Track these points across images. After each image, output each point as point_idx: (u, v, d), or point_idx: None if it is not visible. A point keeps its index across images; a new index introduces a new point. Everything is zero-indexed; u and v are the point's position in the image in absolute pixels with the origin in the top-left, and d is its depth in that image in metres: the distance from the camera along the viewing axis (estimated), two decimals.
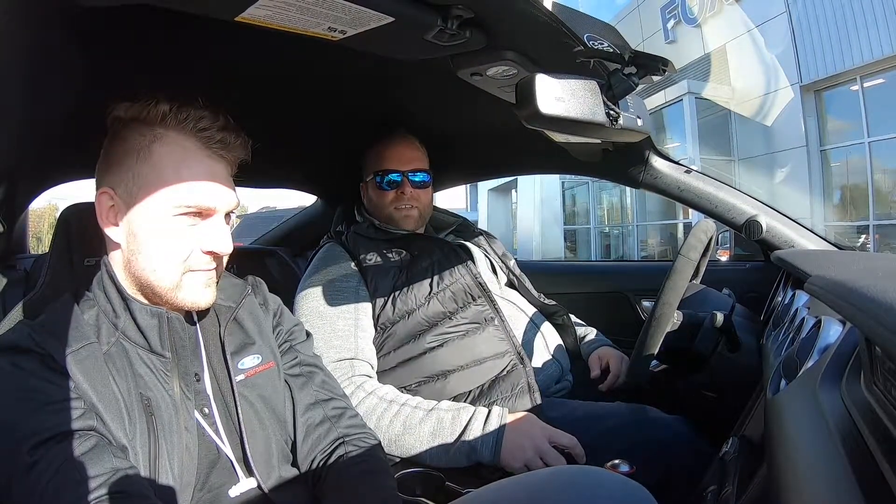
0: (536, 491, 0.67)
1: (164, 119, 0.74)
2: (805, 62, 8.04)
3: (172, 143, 0.74)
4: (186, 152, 0.75)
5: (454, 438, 1.04)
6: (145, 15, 0.72)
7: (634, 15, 10.87)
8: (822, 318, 0.70)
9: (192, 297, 0.76)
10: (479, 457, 1.02)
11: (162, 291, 0.75)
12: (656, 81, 0.83)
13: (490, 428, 1.04)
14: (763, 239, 1.40)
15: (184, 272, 0.75)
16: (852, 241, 7.49)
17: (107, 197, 0.75)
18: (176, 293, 0.75)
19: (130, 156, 0.74)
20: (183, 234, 0.75)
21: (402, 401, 1.10)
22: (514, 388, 1.16)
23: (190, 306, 0.77)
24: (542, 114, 0.71)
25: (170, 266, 0.74)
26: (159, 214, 0.73)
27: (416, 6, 0.73)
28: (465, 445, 1.03)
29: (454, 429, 1.05)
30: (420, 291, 1.23)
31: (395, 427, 1.06)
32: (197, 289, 0.77)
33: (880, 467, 0.39)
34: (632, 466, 0.90)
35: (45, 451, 0.61)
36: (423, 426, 1.06)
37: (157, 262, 0.74)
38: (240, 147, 0.79)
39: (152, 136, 0.74)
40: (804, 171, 8.17)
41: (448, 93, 1.21)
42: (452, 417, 1.06)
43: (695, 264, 1.02)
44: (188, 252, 0.75)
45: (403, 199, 1.34)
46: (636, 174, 1.44)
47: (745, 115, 9.13)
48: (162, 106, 0.74)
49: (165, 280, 0.75)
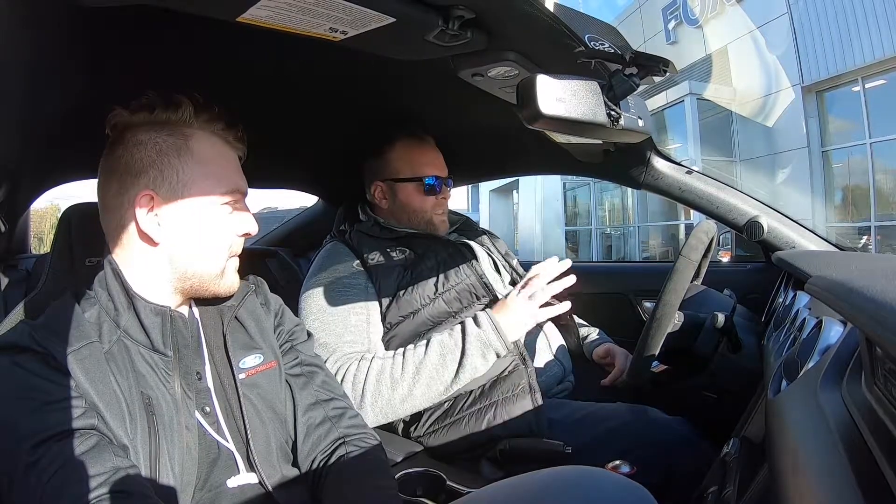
0: (538, 491, 0.67)
1: (189, 120, 0.79)
2: (806, 63, 8.03)
3: (204, 140, 0.80)
4: (216, 146, 0.82)
5: (460, 348, 1.12)
6: (146, 15, 0.72)
7: (636, 16, 10.86)
8: (823, 318, 0.70)
9: (230, 282, 0.83)
10: (493, 348, 1.13)
11: (209, 280, 0.80)
12: (657, 82, 0.83)
13: (485, 324, 1.13)
14: (764, 240, 1.40)
15: (228, 258, 0.82)
16: (854, 242, 7.47)
17: (147, 198, 0.76)
18: (220, 280, 0.81)
19: (168, 155, 0.77)
20: (226, 220, 0.81)
21: (399, 352, 1.15)
22: (515, 388, 1.16)
23: (228, 291, 0.83)
24: (543, 114, 0.71)
25: (219, 253, 0.81)
26: (209, 204, 0.79)
27: (418, 7, 0.73)
28: (473, 348, 1.12)
29: (456, 344, 1.13)
30: (425, 291, 1.23)
31: (409, 371, 1.11)
32: (233, 274, 0.84)
33: (881, 467, 0.39)
34: (633, 467, 0.90)
35: (46, 450, 0.61)
36: (430, 356, 1.12)
37: (208, 252, 0.80)
38: (244, 140, 0.86)
39: (182, 135, 0.79)
40: (805, 172, 8.15)
41: (449, 94, 1.21)
42: (448, 334, 1.15)
43: (696, 265, 1.02)
44: (231, 238, 0.82)
45: (443, 205, 1.40)
46: (637, 175, 1.44)
47: (747, 116, 9.12)
48: (186, 107, 0.79)
49: (214, 268, 0.80)
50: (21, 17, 0.65)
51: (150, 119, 0.77)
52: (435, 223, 1.38)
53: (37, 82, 0.83)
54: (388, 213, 1.40)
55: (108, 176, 0.78)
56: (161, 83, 0.79)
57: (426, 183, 1.36)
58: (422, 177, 1.36)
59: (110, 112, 0.78)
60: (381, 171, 1.40)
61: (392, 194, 1.39)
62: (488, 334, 1.13)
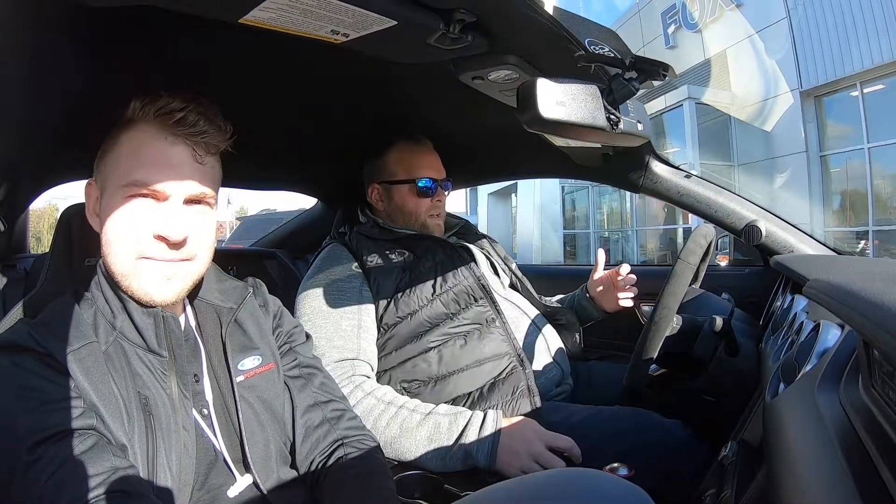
0: (535, 494, 0.67)
1: (134, 111, 0.75)
2: (805, 68, 8.06)
3: (135, 130, 0.75)
4: (144, 135, 0.74)
5: (450, 443, 1.04)
6: (147, 16, 0.72)
7: (635, 20, 10.90)
8: (821, 322, 0.70)
9: (147, 288, 0.73)
10: (474, 461, 1.02)
11: (120, 279, 0.74)
12: (657, 86, 0.84)
13: (486, 432, 1.04)
14: (762, 244, 1.40)
15: (137, 258, 0.73)
16: (851, 247, 7.49)
17: (92, 188, 0.79)
18: (131, 281, 0.73)
19: (107, 146, 0.77)
20: (134, 215, 0.73)
21: (399, 403, 1.10)
22: (514, 391, 1.16)
23: (144, 298, 0.74)
24: (542, 118, 0.71)
25: (122, 249, 0.73)
26: (114, 195, 0.74)
27: (419, 10, 0.73)
28: (461, 450, 1.03)
29: (451, 434, 1.05)
30: (423, 293, 1.23)
31: (392, 429, 1.06)
32: (154, 280, 0.74)
33: (878, 470, 0.39)
34: (631, 470, 0.90)
35: (45, 450, 0.61)
36: (420, 430, 1.06)
37: (112, 246, 0.74)
38: (210, 132, 0.76)
39: (124, 127, 0.76)
40: (804, 177, 8.17)
41: (450, 97, 1.21)
42: (449, 423, 1.06)
43: (694, 269, 1.02)
44: (139, 235, 0.73)
45: (438, 207, 1.40)
46: (636, 178, 1.45)
47: (745, 121, 9.14)
48: (135, 102, 0.75)
49: (119, 264, 0.73)
50: (22, 17, 0.65)
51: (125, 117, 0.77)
52: (429, 226, 1.39)
53: (37, 82, 0.83)
54: (385, 215, 1.41)
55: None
56: (161, 83, 0.79)
57: (419, 185, 1.36)
58: (415, 179, 1.36)
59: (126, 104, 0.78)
60: (378, 173, 1.41)
61: (388, 196, 1.40)
62: (480, 456, 1.02)
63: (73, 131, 1.01)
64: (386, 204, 1.40)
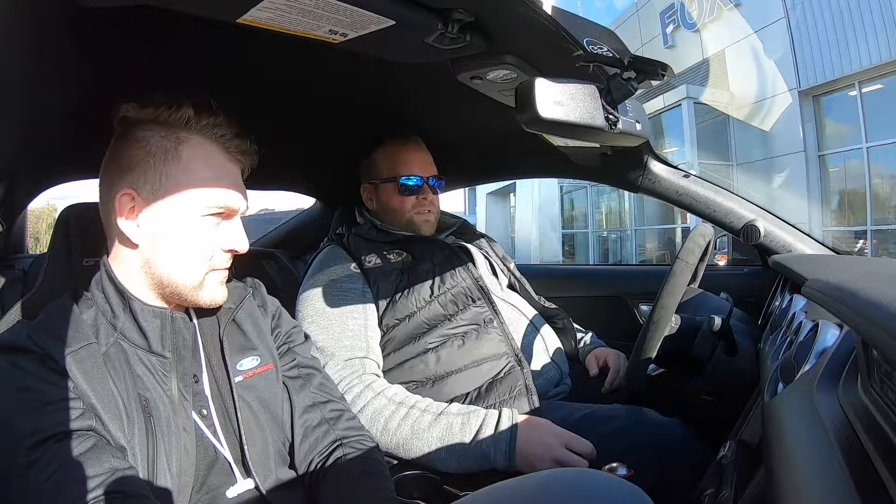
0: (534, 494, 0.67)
1: (187, 123, 0.76)
2: (803, 67, 8.06)
3: (198, 147, 0.77)
4: (211, 156, 0.78)
5: (464, 444, 1.02)
6: (146, 16, 0.72)
7: (634, 20, 10.90)
8: (820, 321, 0.70)
9: (211, 295, 0.80)
10: (492, 464, 1.01)
11: (184, 290, 0.78)
12: (655, 86, 0.84)
13: (502, 433, 1.01)
14: (761, 243, 1.40)
15: (207, 271, 0.79)
16: (850, 246, 7.50)
17: (128, 198, 0.75)
18: (198, 292, 0.79)
19: (155, 157, 0.75)
20: (208, 233, 0.78)
21: (410, 403, 1.08)
22: (512, 390, 1.16)
23: (209, 304, 0.80)
24: (541, 118, 0.71)
25: (196, 265, 0.78)
26: (189, 214, 0.76)
27: (417, 9, 0.73)
28: (476, 451, 1.01)
29: (464, 435, 1.03)
30: (421, 294, 1.23)
31: (403, 431, 1.05)
32: (215, 287, 0.81)
33: (877, 470, 0.39)
34: (629, 469, 0.90)
35: (44, 451, 0.61)
36: (432, 431, 1.04)
37: (184, 262, 0.77)
38: (252, 153, 0.83)
39: (176, 138, 0.76)
40: (802, 176, 8.18)
41: (448, 96, 1.21)
42: (462, 423, 1.04)
43: (693, 268, 1.02)
44: (213, 252, 0.79)
45: (424, 205, 1.37)
46: (635, 178, 1.45)
47: (744, 120, 9.15)
48: (186, 110, 0.76)
49: (190, 279, 0.78)
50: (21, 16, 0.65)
51: (153, 116, 0.76)
52: (416, 222, 1.37)
53: (36, 82, 0.83)
54: (377, 214, 1.40)
55: (104, 170, 0.79)
56: (161, 83, 0.79)
57: (401, 182, 1.35)
58: (398, 176, 1.35)
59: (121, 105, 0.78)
60: (368, 173, 1.41)
61: (377, 195, 1.40)
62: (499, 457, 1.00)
63: (72, 131, 1.01)
64: (375, 203, 1.40)
